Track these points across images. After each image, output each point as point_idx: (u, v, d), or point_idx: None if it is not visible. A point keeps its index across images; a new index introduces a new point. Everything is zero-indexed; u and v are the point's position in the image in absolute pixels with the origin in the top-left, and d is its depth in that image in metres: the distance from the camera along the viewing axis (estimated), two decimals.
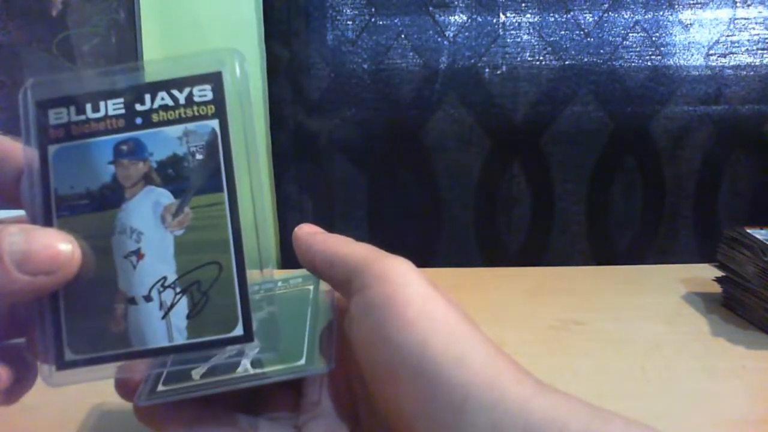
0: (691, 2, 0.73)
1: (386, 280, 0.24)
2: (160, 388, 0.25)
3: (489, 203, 0.77)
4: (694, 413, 0.40)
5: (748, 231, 0.57)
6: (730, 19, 0.73)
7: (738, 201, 0.76)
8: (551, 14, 0.73)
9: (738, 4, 0.73)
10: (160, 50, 0.77)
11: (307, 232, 0.30)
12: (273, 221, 0.80)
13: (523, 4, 0.73)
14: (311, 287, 0.33)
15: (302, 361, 0.26)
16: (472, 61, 0.74)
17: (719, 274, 0.60)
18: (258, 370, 0.25)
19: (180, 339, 0.23)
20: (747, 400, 0.42)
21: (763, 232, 0.56)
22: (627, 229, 0.77)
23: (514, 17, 0.73)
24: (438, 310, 0.23)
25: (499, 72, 0.74)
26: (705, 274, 0.63)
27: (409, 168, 0.77)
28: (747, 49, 0.73)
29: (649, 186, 0.76)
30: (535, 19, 0.73)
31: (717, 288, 0.61)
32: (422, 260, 0.77)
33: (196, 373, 0.25)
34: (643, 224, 0.77)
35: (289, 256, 0.78)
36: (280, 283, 0.34)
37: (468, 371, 0.21)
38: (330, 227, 0.31)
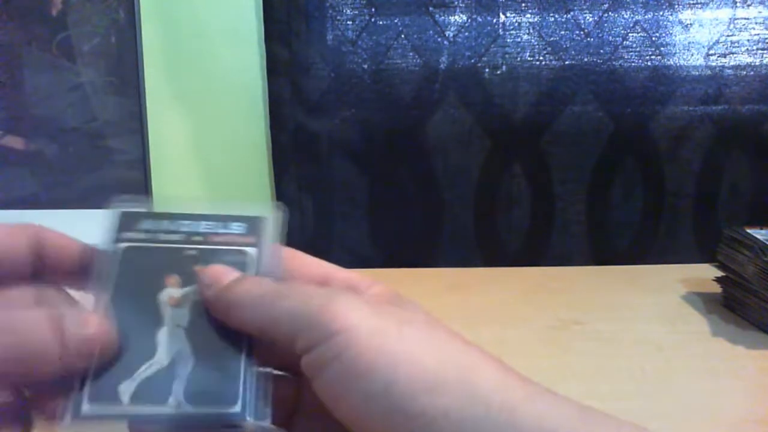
0: (691, 2, 0.73)
1: (331, 334, 0.22)
2: (85, 408, 0.24)
3: (489, 203, 0.77)
4: (694, 413, 0.40)
5: (748, 231, 0.57)
6: (730, 19, 0.73)
7: (738, 201, 0.76)
8: (551, 14, 0.73)
9: (738, 4, 0.73)
10: (160, 50, 0.77)
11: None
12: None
13: (523, 4, 0.73)
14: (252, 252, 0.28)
15: (237, 408, 0.24)
16: (472, 61, 0.74)
17: (719, 274, 0.60)
18: (190, 411, 0.24)
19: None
20: (747, 400, 0.42)
21: (763, 232, 0.56)
22: (627, 229, 0.77)
23: (514, 17, 0.73)
24: (390, 342, 0.21)
25: (499, 72, 0.74)
26: (705, 274, 0.63)
27: (409, 168, 0.77)
28: (747, 49, 0.73)
29: (649, 186, 0.76)
30: (535, 19, 0.73)
31: (717, 288, 0.61)
32: (422, 260, 0.77)
33: (125, 392, 0.24)
34: (643, 224, 0.77)
35: None
36: (208, 227, 0.28)
37: (443, 397, 0.20)
38: (330, 227, 0.30)
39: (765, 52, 0.73)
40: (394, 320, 0.22)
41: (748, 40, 0.73)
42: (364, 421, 0.21)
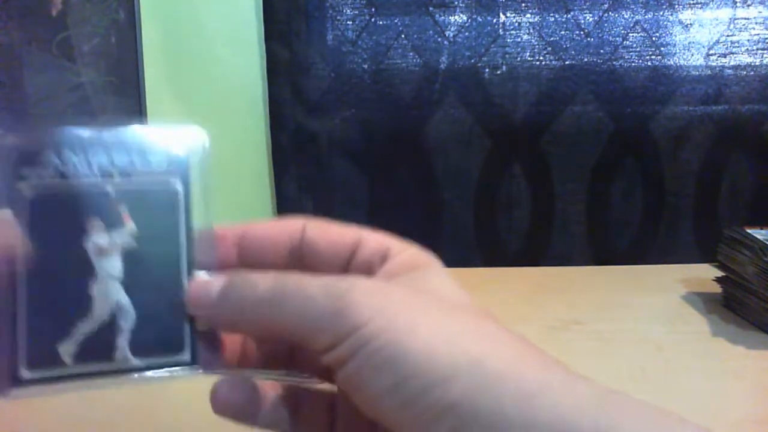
0: (691, 2, 0.73)
1: (341, 338, 0.21)
2: (25, 374, 0.22)
3: (489, 203, 0.77)
4: (694, 413, 0.40)
5: (748, 231, 0.57)
6: (730, 19, 0.73)
7: (738, 201, 0.76)
8: (551, 14, 0.73)
9: (738, 4, 0.73)
10: (160, 50, 0.77)
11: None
12: None
13: (523, 4, 0.73)
14: (179, 189, 0.26)
15: (186, 356, 0.23)
16: (472, 61, 0.74)
17: (719, 274, 0.60)
18: (138, 364, 0.23)
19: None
20: (747, 400, 0.42)
21: (763, 232, 0.56)
22: (627, 229, 0.77)
23: (514, 17, 0.73)
24: (402, 337, 0.21)
25: (499, 72, 0.74)
26: (705, 274, 0.63)
27: (409, 168, 0.77)
28: (747, 49, 0.73)
29: (649, 186, 0.76)
30: (535, 19, 0.73)
31: (717, 288, 0.61)
32: None
33: (65, 352, 0.23)
34: (643, 224, 0.77)
35: None
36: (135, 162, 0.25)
37: (454, 388, 0.20)
38: None
39: (765, 52, 0.73)
40: (407, 309, 0.22)
41: (748, 40, 0.73)
42: (384, 414, 0.21)
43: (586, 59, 0.73)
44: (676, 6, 0.73)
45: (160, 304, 0.24)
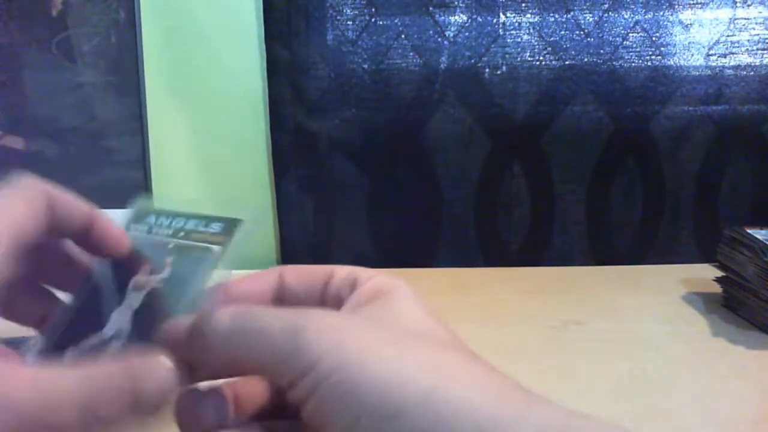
0: (691, 2, 0.73)
1: (296, 378, 0.21)
2: (30, 362, 0.27)
3: (489, 203, 0.77)
4: (694, 413, 0.40)
5: (748, 231, 0.57)
6: (730, 19, 0.73)
7: (738, 201, 0.76)
8: (551, 14, 0.73)
9: (738, 4, 0.73)
10: (160, 50, 0.77)
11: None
12: (273, 221, 0.80)
13: (523, 4, 0.73)
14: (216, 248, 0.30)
15: None
16: (472, 61, 0.74)
17: (719, 274, 0.60)
18: None
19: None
20: (747, 400, 0.42)
21: (763, 232, 0.56)
22: (627, 229, 0.77)
23: (514, 17, 0.73)
24: (353, 375, 0.21)
25: (499, 72, 0.74)
26: (705, 274, 0.63)
27: (409, 168, 0.77)
28: (747, 49, 0.73)
29: (649, 186, 0.76)
30: (535, 19, 0.73)
31: (717, 288, 0.61)
32: (422, 260, 0.77)
33: (69, 356, 0.26)
34: (643, 224, 0.77)
35: (289, 256, 0.78)
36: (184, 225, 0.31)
37: (405, 424, 0.19)
38: (330, 227, 0.30)
39: (765, 52, 0.73)
40: (361, 345, 0.22)
41: (748, 40, 0.73)
42: None
43: (586, 59, 0.73)
44: (676, 6, 0.73)
45: (146, 341, 0.26)
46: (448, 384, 0.20)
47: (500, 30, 0.73)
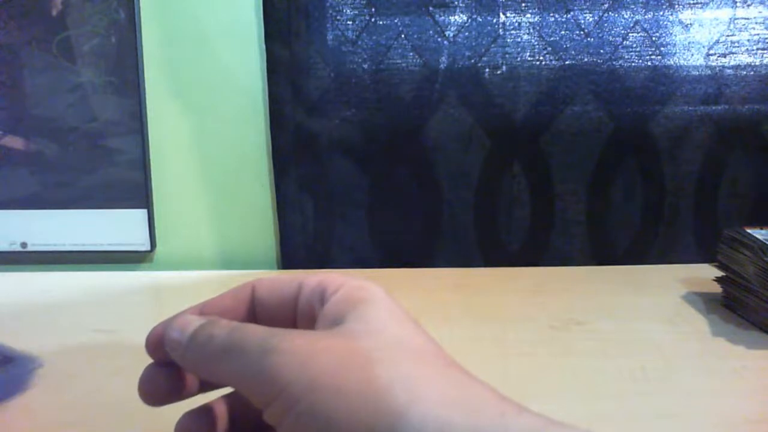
0: (691, 2, 0.73)
1: (268, 402, 0.22)
2: None
3: (489, 203, 0.77)
4: (694, 413, 0.40)
5: (748, 231, 0.57)
6: (730, 19, 0.73)
7: (738, 201, 0.76)
8: (551, 14, 0.73)
9: (738, 4, 0.73)
10: (160, 50, 0.77)
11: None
12: (273, 221, 0.80)
13: (523, 4, 0.73)
14: None
15: None
16: (472, 61, 0.74)
17: (719, 274, 0.60)
18: None
19: None
20: (747, 400, 0.42)
21: (763, 232, 0.56)
22: (627, 229, 0.77)
23: (514, 17, 0.73)
24: (322, 401, 0.21)
25: (499, 72, 0.74)
26: (705, 274, 0.63)
27: (409, 168, 0.77)
28: (747, 49, 0.73)
29: (649, 186, 0.76)
30: (535, 19, 0.73)
31: (717, 288, 0.61)
32: (422, 260, 0.77)
33: None
34: (643, 224, 0.77)
35: (289, 256, 0.78)
36: None
37: None
38: (330, 227, 0.30)
39: (765, 52, 0.73)
40: (330, 367, 0.21)
41: (748, 40, 0.73)
42: None
43: (586, 59, 0.73)
44: (676, 6, 0.73)
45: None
46: (422, 398, 0.20)
47: (500, 30, 0.73)
